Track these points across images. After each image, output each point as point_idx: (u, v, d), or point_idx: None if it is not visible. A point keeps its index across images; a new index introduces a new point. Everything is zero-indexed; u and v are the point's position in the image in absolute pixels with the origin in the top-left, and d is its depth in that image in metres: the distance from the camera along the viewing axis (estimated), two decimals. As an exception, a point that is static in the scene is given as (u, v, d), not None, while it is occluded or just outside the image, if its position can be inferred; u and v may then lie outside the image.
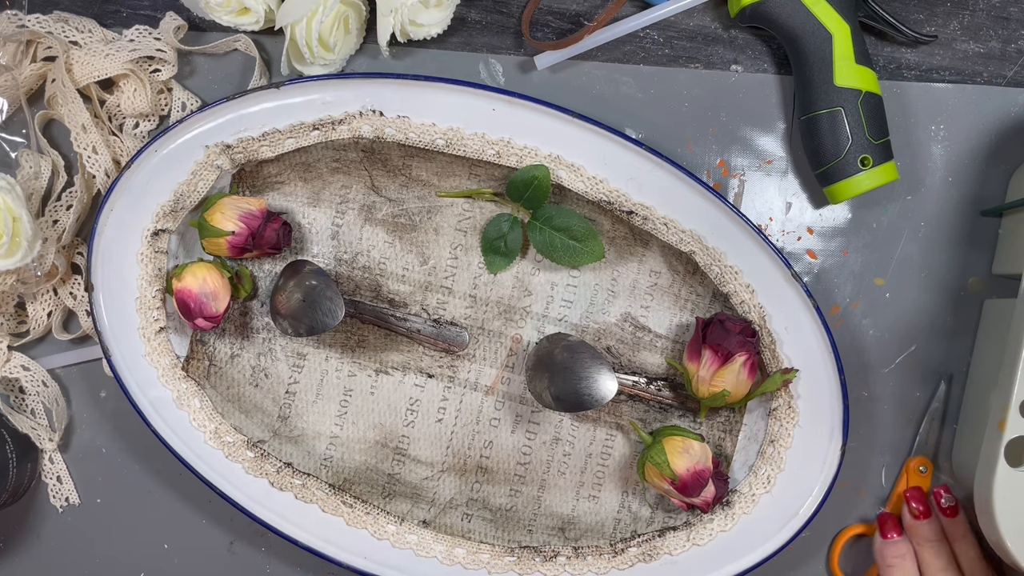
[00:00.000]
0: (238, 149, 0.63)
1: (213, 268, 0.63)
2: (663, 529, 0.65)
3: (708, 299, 0.66)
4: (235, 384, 0.68)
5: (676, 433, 0.63)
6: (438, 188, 0.67)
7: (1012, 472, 0.57)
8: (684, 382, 0.64)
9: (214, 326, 0.62)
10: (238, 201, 0.63)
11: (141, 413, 0.64)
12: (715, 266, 0.63)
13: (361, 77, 0.62)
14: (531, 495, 0.67)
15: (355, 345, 0.68)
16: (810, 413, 0.63)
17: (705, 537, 0.64)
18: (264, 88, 0.62)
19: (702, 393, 0.62)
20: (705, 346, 0.62)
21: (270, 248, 0.64)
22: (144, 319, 0.65)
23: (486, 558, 0.65)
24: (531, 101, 0.62)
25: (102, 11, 0.68)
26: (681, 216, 0.63)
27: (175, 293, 0.63)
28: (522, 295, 0.67)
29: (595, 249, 0.64)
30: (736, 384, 0.62)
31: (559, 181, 0.63)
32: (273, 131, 0.63)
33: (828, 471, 0.63)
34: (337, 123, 0.63)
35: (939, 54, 0.67)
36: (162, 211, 0.64)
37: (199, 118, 0.62)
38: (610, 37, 0.65)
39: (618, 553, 0.65)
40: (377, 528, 0.65)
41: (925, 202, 0.67)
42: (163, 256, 0.65)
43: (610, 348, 0.67)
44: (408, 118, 0.63)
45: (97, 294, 0.64)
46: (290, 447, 0.67)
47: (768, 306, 0.63)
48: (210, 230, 0.63)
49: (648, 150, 0.62)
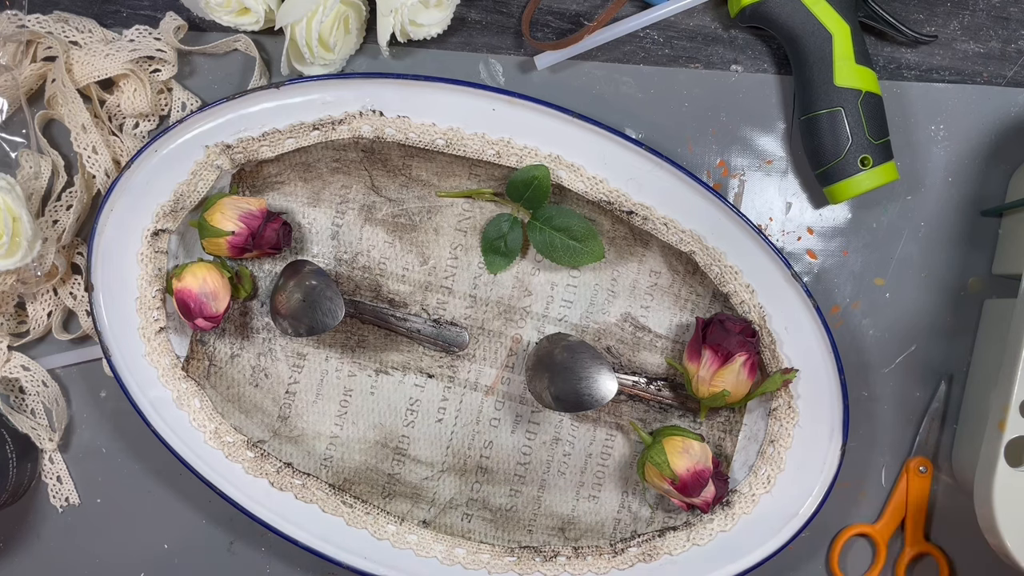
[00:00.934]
0: (238, 149, 0.63)
1: (213, 268, 0.63)
2: (663, 529, 0.65)
3: (708, 299, 0.66)
4: (235, 384, 0.68)
5: (676, 433, 0.63)
6: (438, 188, 0.67)
7: (1012, 472, 0.57)
8: (684, 382, 0.64)
9: (214, 326, 0.62)
10: (238, 201, 0.63)
11: (141, 413, 0.64)
12: (715, 266, 0.63)
13: (361, 77, 0.62)
14: (531, 495, 0.67)
15: (355, 345, 0.68)
16: (810, 413, 0.63)
17: (705, 537, 0.64)
18: (264, 88, 0.62)
19: (702, 393, 0.62)
20: (705, 346, 0.62)
21: (270, 248, 0.64)
22: (144, 319, 0.65)
23: (486, 558, 0.65)
24: (531, 101, 0.62)
25: (102, 11, 0.68)
26: (681, 216, 0.63)
27: (175, 293, 0.63)
28: (522, 295, 0.67)
29: (595, 249, 0.64)
30: (736, 384, 0.62)
31: (559, 181, 0.63)
32: (273, 131, 0.63)
33: (828, 471, 0.63)
34: (337, 123, 0.63)
35: (939, 54, 0.67)
36: (162, 211, 0.64)
37: (199, 118, 0.62)
38: (610, 37, 0.65)
39: (618, 553, 0.65)
40: (377, 528, 0.65)
41: (925, 202, 0.67)
42: (163, 256, 0.65)
43: (610, 348, 0.67)
44: (408, 118, 0.63)
45: (97, 294, 0.64)
46: (290, 447, 0.67)
47: (768, 306, 0.63)
48: (210, 230, 0.63)
49: (648, 150, 0.62)
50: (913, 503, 0.67)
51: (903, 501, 0.67)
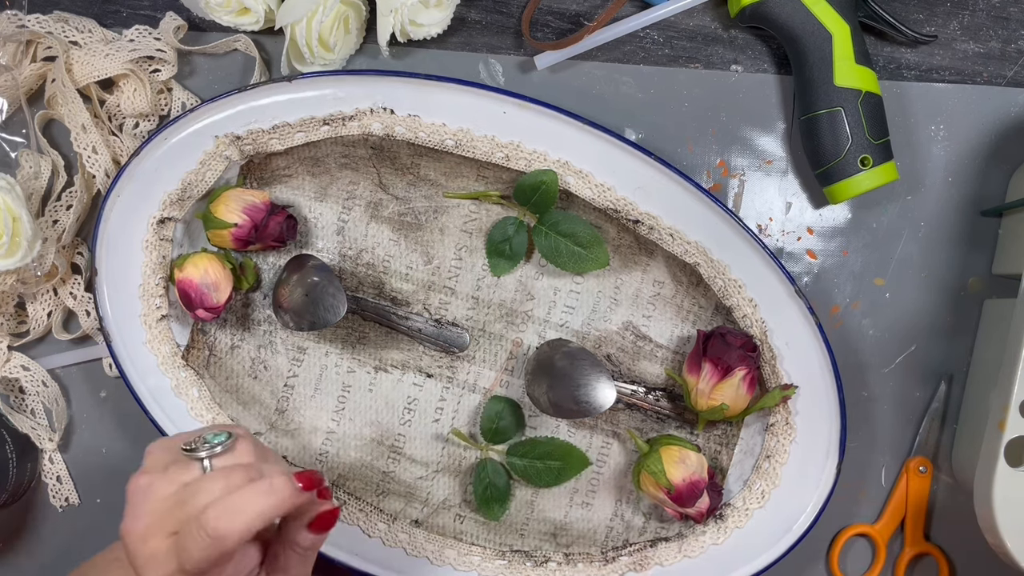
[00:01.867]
0: (247, 141, 0.63)
1: (215, 259, 0.63)
2: (655, 539, 0.65)
3: (710, 311, 0.66)
4: (234, 375, 0.67)
5: (673, 443, 0.62)
6: (446, 188, 0.66)
7: (1012, 472, 0.57)
8: (683, 393, 0.64)
9: (215, 317, 0.62)
10: (243, 193, 0.63)
11: (139, 400, 0.64)
12: (719, 279, 0.63)
13: (374, 74, 0.62)
14: (524, 499, 0.67)
15: (356, 341, 0.68)
16: (807, 430, 0.63)
17: (697, 549, 0.64)
18: (276, 81, 0.62)
19: (701, 406, 0.62)
20: (705, 359, 0.61)
21: (274, 241, 0.64)
22: (146, 306, 0.64)
23: (476, 560, 0.65)
24: (542, 106, 0.62)
25: (102, 11, 0.68)
26: (687, 227, 0.63)
27: (176, 283, 0.63)
28: (524, 299, 0.67)
29: (600, 256, 0.64)
30: (735, 398, 0.61)
31: (567, 187, 0.63)
32: (283, 124, 0.63)
33: (823, 488, 0.63)
34: (347, 119, 0.63)
35: (939, 54, 0.67)
36: (169, 199, 0.64)
37: (210, 108, 0.62)
38: (610, 37, 0.65)
39: (609, 561, 0.65)
40: (369, 525, 0.65)
41: (925, 202, 0.67)
42: (168, 244, 0.65)
43: (610, 356, 0.67)
44: (419, 117, 0.63)
45: (100, 280, 0.64)
46: (286, 440, 0.67)
47: (770, 321, 0.63)
48: (214, 222, 0.63)
49: (657, 160, 0.61)
50: (913, 503, 0.67)
51: (903, 501, 0.67)
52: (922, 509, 0.67)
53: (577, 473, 0.65)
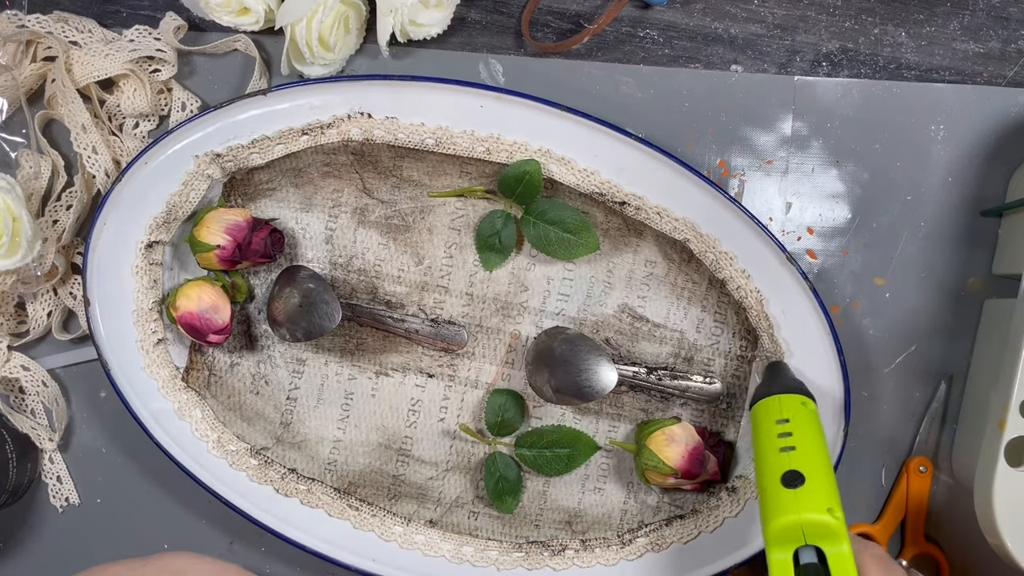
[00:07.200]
0: (228, 157, 0.63)
1: (203, 283, 0.64)
2: (670, 518, 0.65)
3: (704, 286, 0.66)
4: (236, 393, 0.67)
5: (653, 429, 0.63)
6: (430, 188, 0.66)
7: (1012, 472, 0.57)
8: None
9: (227, 336, 0.63)
10: (224, 213, 0.63)
11: (144, 427, 0.64)
12: (710, 253, 0.63)
13: (347, 80, 0.62)
14: (536, 490, 0.67)
15: (354, 348, 0.68)
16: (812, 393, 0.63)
17: (712, 523, 0.64)
18: (251, 96, 0.62)
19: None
20: None
21: (260, 257, 0.64)
22: (142, 331, 0.64)
23: (494, 555, 0.65)
24: (518, 96, 0.62)
25: (102, 11, 0.68)
26: (673, 205, 0.63)
27: (178, 321, 0.63)
28: (519, 291, 0.67)
29: (590, 241, 0.64)
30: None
31: (550, 175, 0.63)
32: (262, 138, 0.63)
33: (832, 452, 0.63)
34: (326, 127, 0.63)
35: (939, 54, 0.67)
36: (155, 223, 0.64)
37: (188, 128, 0.62)
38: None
39: (626, 544, 0.65)
40: (384, 530, 0.65)
41: (925, 202, 0.67)
42: (158, 268, 0.65)
43: (609, 339, 0.67)
44: (397, 119, 0.63)
45: (94, 308, 0.63)
46: (293, 453, 0.67)
47: (765, 290, 0.63)
48: (199, 245, 0.63)
49: (637, 139, 0.61)
50: (913, 503, 0.67)
51: (903, 501, 0.67)
52: (922, 509, 0.67)
53: (586, 459, 0.66)
